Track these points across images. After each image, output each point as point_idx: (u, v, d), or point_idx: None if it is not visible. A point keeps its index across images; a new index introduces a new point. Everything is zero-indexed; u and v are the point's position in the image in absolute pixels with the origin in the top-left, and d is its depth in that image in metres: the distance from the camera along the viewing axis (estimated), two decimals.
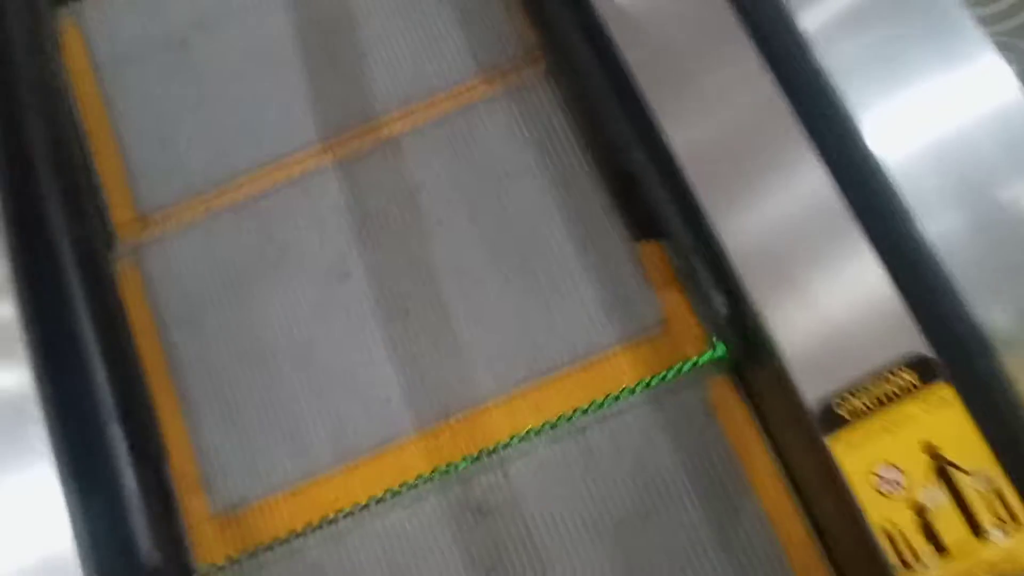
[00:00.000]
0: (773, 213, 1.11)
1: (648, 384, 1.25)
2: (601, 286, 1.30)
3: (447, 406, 1.30)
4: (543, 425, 1.26)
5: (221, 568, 1.24)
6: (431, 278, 1.32)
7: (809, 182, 1.09)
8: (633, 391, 1.25)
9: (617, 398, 1.25)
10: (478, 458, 1.26)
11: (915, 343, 1.00)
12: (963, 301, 1.01)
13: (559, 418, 1.26)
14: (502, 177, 1.37)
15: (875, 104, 1.08)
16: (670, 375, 1.24)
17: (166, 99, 1.48)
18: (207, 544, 1.26)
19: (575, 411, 1.26)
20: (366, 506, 1.25)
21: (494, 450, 1.26)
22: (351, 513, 1.26)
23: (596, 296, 1.29)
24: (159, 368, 1.32)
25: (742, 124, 1.14)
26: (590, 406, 1.26)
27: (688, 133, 1.14)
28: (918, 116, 1.08)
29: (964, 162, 1.05)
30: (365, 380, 1.31)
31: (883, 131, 1.07)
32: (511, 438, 1.26)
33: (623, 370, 1.28)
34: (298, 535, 1.25)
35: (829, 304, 1.04)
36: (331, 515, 1.26)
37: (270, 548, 1.25)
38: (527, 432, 1.26)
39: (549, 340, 1.29)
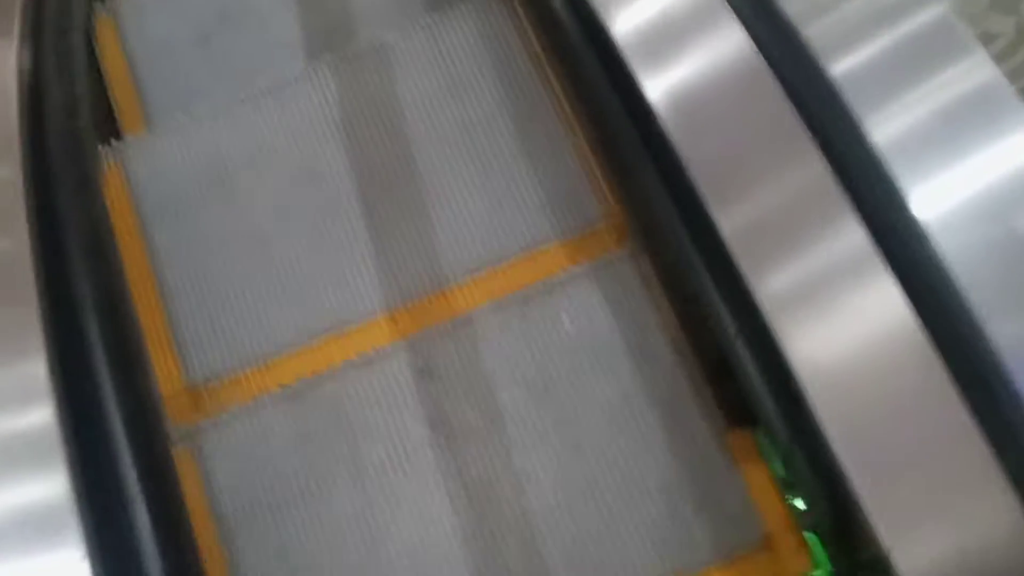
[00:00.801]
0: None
1: None
2: None
3: (408, 291, 1.40)
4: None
5: (189, 430, 1.32)
6: None
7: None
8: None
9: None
10: (430, 329, 1.35)
11: None
12: None
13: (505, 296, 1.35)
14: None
15: None
16: None
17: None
18: (181, 412, 1.36)
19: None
20: (322, 373, 1.34)
21: (446, 324, 1.35)
22: (306, 379, 1.34)
23: None
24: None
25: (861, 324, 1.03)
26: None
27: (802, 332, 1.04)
28: None
29: None
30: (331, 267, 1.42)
31: None
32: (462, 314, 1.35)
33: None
34: (256, 399, 1.33)
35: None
36: (288, 381, 1.34)
37: (231, 412, 1.33)
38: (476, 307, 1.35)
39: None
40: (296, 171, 1.48)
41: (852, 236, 1.03)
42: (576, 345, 1.29)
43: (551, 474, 1.23)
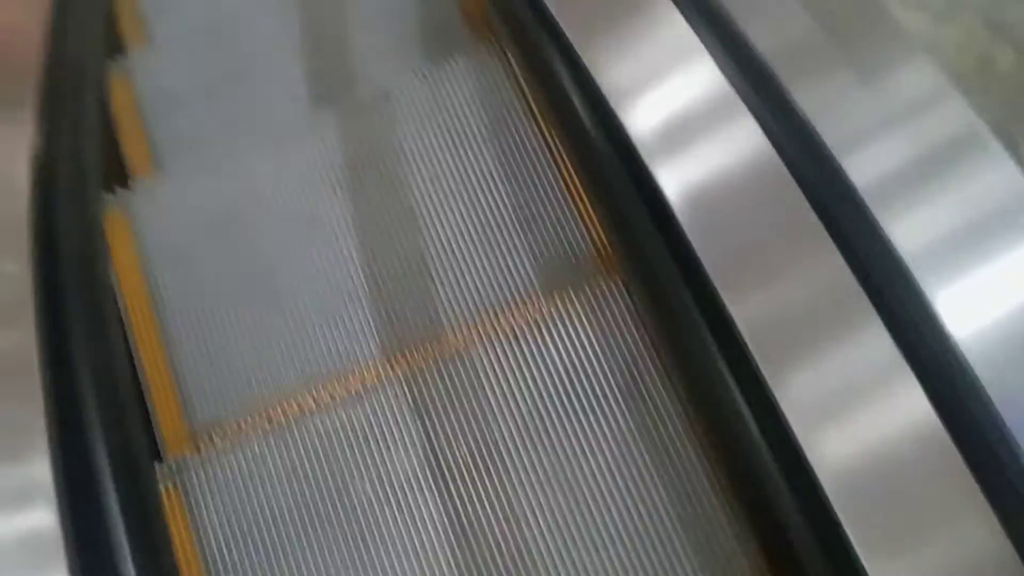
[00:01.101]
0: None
1: None
2: None
3: (404, 335, 1.43)
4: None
5: (182, 460, 1.33)
6: None
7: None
8: None
9: None
10: (422, 366, 1.36)
11: None
12: None
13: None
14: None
15: None
16: None
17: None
18: (179, 450, 1.38)
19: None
20: (312, 409, 1.35)
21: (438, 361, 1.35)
22: (297, 415, 1.35)
23: None
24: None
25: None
26: None
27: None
28: None
29: None
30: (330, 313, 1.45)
31: None
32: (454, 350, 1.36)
33: None
34: (246, 434, 1.35)
35: None
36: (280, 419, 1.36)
37: (221, 448, 1.34)
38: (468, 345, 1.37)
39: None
40: (298, 219, 1.52)
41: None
42: (567, 384, 1.29)
43: (542, 514, 1.23)
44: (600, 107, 1.25)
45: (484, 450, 1.27)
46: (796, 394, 1.00)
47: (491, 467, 1.26)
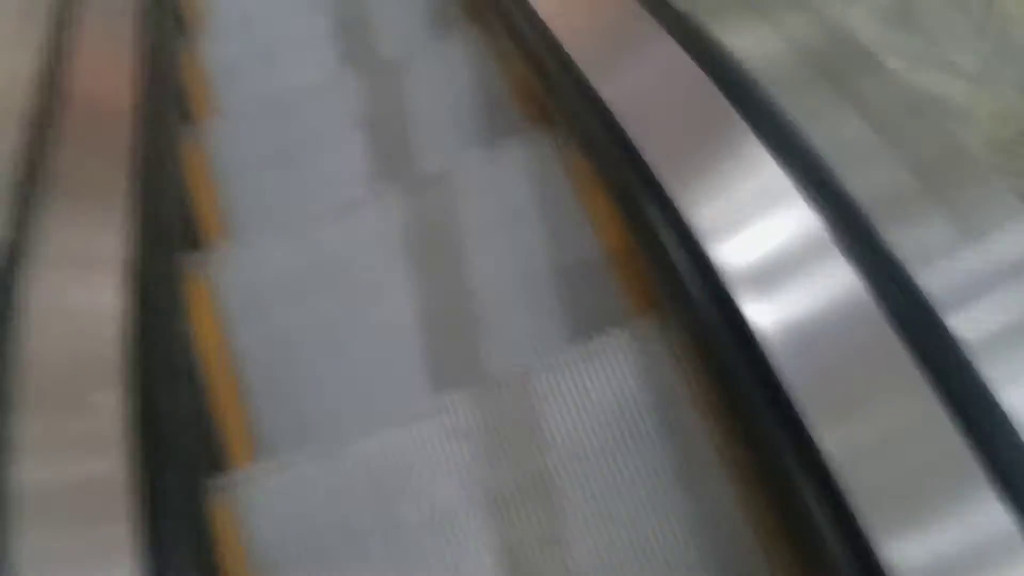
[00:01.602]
0: None
1: None
2: None
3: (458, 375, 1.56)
4: None
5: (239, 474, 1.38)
6: None
7: None
8: None
9: None
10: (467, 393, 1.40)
11: None
12: None
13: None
14: None
15: None
16: None
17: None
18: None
19: None
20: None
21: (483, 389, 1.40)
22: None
23: None
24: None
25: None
26: None
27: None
28: None
29: None
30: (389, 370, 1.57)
31: None
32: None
33: None
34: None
35: None
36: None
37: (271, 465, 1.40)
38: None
39: None
40: (362, 285, 1.65)
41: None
42: (608, 416, 1.32)
43: (583, 544, 1.26)
44: (689, 248, 1.24)
45: (529, 482, 1.31)
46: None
47: (535, 498, 1.30)
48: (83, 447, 1.16)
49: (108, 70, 1.95)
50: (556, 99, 1.67)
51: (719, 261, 1.19)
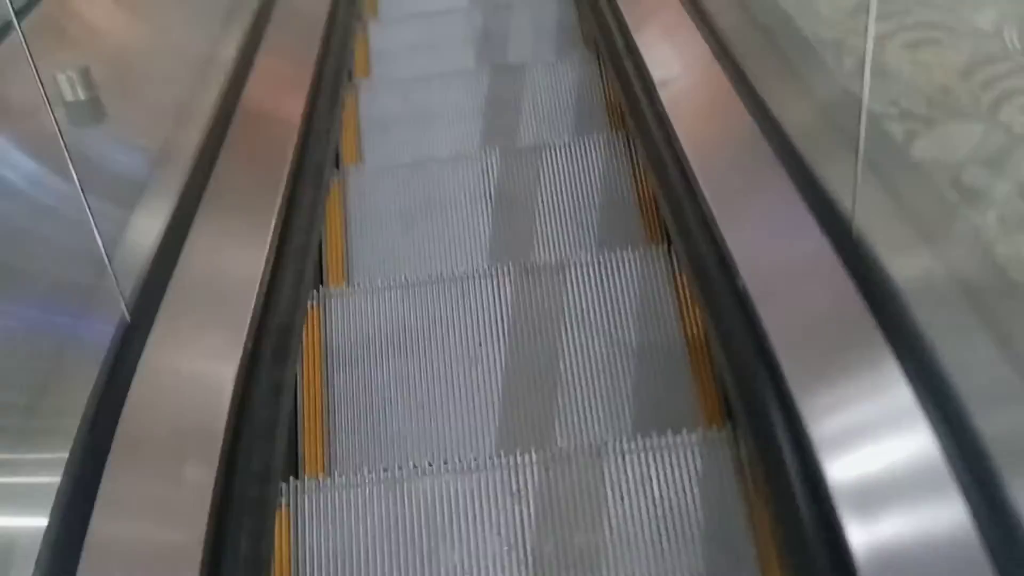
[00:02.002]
0: None
1: None
2: None
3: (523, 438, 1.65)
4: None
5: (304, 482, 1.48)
6: None
7: None
8: None
9: None
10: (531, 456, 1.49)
11: None
12: None
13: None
14: None
15: None
16: None
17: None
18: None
19: None
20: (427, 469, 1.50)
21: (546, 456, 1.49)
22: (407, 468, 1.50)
23: None
24: None
25: None
26: None
27: None
28: None
29: None
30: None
31: None
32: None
33: None
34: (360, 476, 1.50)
35: None
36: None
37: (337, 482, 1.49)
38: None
39: None
40: (461, 349, 1.76)
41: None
42: (661, 511, 1.39)
43: None
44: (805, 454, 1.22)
45: (574, 555, 1.38)
46: None
47: (575, 572, 1.37)
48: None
49: (279, 113, 2.14)
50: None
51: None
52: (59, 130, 1.24)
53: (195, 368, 1.40)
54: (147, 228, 1.54)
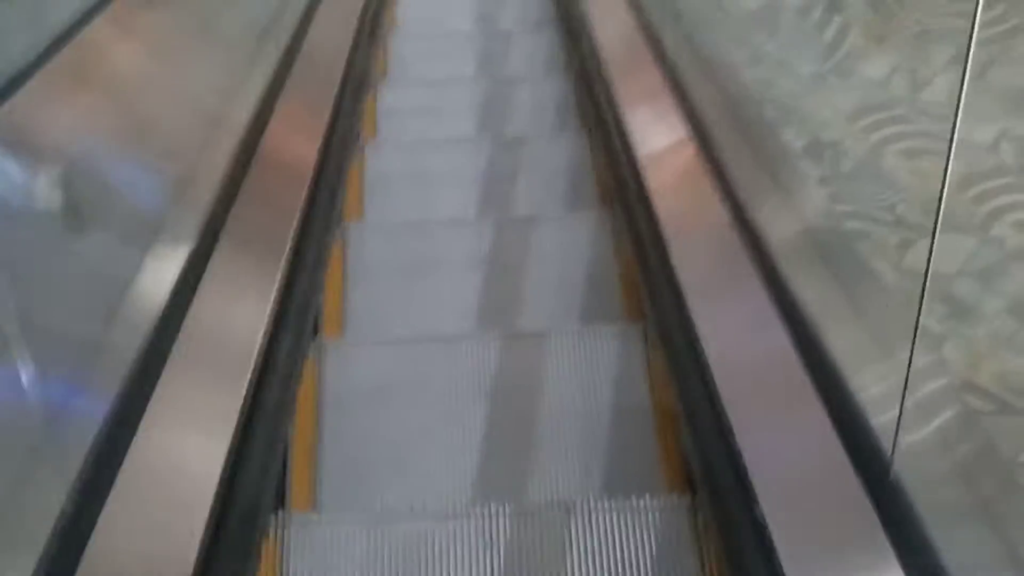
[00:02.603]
0: None
1: None
2: None
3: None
4: None
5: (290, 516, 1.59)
6: None
7: None
8: None
9: None
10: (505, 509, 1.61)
11: None
12: None
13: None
14: None
15: None
16: None
17: None
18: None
19: None
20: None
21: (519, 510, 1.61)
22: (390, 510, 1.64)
23: None
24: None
25: None
26: None
27: None
28: None
29: None
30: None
31: None
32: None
33: None
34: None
35: None
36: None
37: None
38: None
39: None
40: (445, 409, 1.88)
41: None
42: (629, 570, 1.50)
43: None
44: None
45: None
46: None
47: None
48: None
49: (293, 159, 2.28)
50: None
51: None
52: None
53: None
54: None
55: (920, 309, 1.20)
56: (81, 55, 1.63)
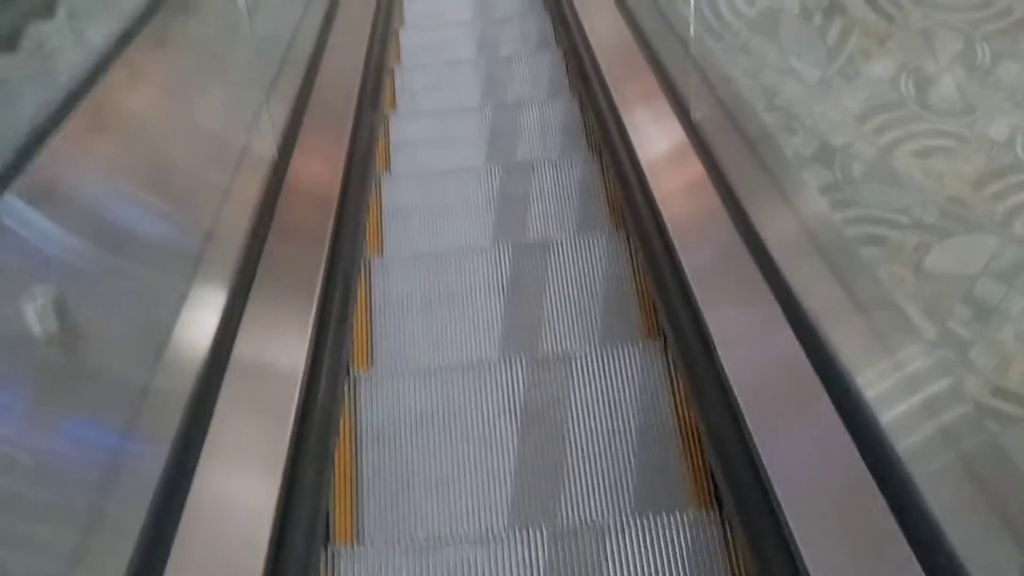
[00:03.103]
0: None
1: None
2: None
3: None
4: None
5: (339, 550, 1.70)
6: None
7: None
8: None
9: None
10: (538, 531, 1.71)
11: None
12: None
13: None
14: None
15: None
16: None
17: None
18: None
19: None
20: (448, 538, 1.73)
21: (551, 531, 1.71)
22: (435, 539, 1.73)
23: None
24: None
25: None
26: None
27: None
28: None
29: None
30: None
31: None
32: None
33: None
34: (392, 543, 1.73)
35: None
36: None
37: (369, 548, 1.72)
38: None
39: None
40: (475, 433, 1.95)
41: None
42: None
43: None
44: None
45: None
46: None
47: None
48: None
49: (318, 197, 2.37)
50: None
51: None
52: None
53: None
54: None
55: None
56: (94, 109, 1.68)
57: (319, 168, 2.52)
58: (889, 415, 1.39)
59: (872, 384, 1.47)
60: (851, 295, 1.72)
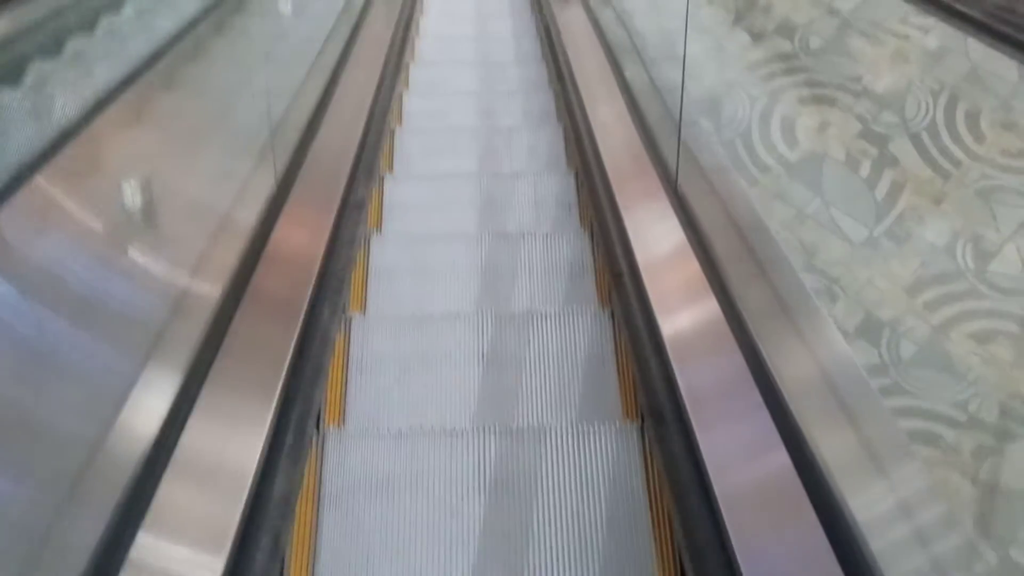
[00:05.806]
0: None
1: None
2: None
3: None
4: None
5: None
6: None
7: None
8: None
9: None
10: None
11: None
12: None
13: None
14: None
15: None
16: None
17: None
18: None
19: None
20: None
21: None
22: None
23: None
24: None
25: None
26: None
27: None
28: None
29: None
30: None
31: None
32: None
33: None
34: None
35: None
36: None
37: None
38: None
39: None
40: (442, 506, 1.91)
41: None
42: None
43: None
44: None
45: None
46: None
47: None
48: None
49: (300, 256, 2.35)
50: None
51: None
52: None
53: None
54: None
55: None
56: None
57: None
58: None
59: None
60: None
